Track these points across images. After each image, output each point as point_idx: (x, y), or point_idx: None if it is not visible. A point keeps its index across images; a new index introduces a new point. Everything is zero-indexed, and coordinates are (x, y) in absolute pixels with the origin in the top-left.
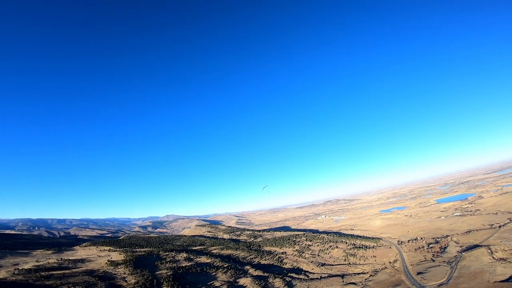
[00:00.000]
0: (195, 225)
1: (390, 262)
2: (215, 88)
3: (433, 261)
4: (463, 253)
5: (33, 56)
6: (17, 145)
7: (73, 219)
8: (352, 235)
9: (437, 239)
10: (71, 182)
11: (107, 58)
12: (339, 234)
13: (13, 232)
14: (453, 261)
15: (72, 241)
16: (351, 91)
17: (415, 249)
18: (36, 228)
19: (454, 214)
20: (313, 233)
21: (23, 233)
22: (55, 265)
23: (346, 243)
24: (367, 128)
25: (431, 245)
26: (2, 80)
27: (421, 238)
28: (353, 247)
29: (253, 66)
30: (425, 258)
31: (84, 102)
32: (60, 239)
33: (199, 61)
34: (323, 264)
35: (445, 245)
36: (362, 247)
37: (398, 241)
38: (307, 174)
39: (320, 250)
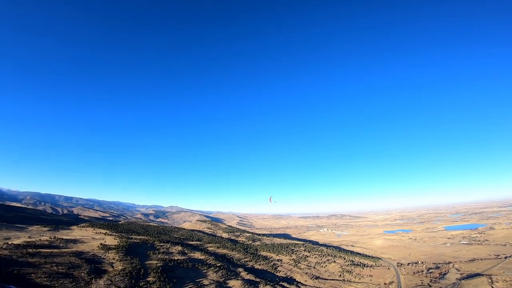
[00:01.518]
0: (196, 220)
1: (385, 283)
2: (247, 89)
3: (430, 286)
4: (462, 281)
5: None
6: (46, 118)
7: (80, 198)
8: (352, 252)
9: (438, 265)
10: (85, 160)
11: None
12: (338, 248)
13: (18, 205)
14: None
15: (73, 220)
16: (376, 109)
17: (414, 273)
18: (42, 203)
19: (460, 242)
20: (313, 244)
21: (28, 207)
22: (46, 243)
23: (345, 258)
24: (383, 148)
25: (430, 270)
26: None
27: (422, 262)
28: (350, 264)
29: (278, 71)
30: (422, 283)
31: (112, 87)
32: (62, 217)
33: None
34: (317, 277)
35: (445, 271)
36: (360, 265)
37: (398, 263)
38: (315, 185)
39: (317, 262)
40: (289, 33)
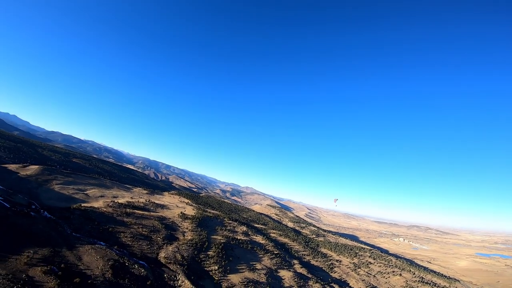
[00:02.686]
0: (267, 204)
1: None
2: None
3: None
4: None
5: None
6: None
7: (176, 167)
8: (425, 268)
9: None
10: (189, 137)
11: None
12: (410, 262)
13: (131, 167)
14: None
15: (167, 187)
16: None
17: None
18: (149, 168)
19: None
20: (381, 252)
21: (138, 170)
22: (141, 205)
23: (414, 273)
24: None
25: None
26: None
27: None
28: (419, 281)
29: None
30: None
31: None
32: (159, 182)
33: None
34: (373, 287)
35: None
36: (429, 283)
37: None
38: (401, 188)
39: (379, 271)
40: None
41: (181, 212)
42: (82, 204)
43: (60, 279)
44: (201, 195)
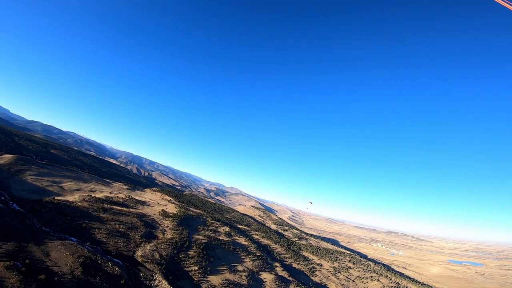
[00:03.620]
0: (251, 205)
1: None
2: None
3: None
4: None
5: None
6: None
7: (160, 164)
8: (401, 274)
9: None
10: (176, 134)
11: None
12: (387, 267)
13: (113, 161)
14: None
15: (149, 183)
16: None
17: None
18: (132, 163)
19: None
20: (361, 257)
21: (120, 165)
22: (121, 200)
23: (391, 279)
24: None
25: None
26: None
27: None
28: (395, 286)
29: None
30: None
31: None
32: (142, 178)
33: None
34: None
35: None
36: None
37: None
38: (381, 195)
39: (358, 276)
40: None
41: (163, 210)
42: (56, 197)
43: (23, 275)
44: (184, 193)
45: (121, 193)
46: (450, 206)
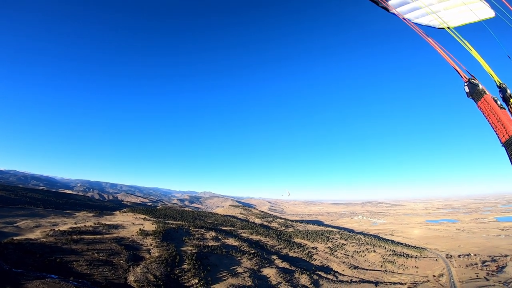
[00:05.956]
0: (229, 205)
1: (434, 276)
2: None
3: (487, 280)
4: None
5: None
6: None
7: (123, 184)
8: (392, 241)
9: (494, 258)
10: (128, 149)
11: None
12: (377, 237)
13: (69, 192)
14: (510, 282)
15: (116, 206)
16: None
17: (466, 265)
18: (91, 190)
19: None
20: (349, 232)
21: (78, 194)
22: (90, 229)
23: (385, 248)
24: (421, 129)
25: (486, 263)
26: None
27: (475, 255)
28: (392, 254)
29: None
30: (477, 276)
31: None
32: (107, 202)
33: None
34: (356, 267)
35: (503, 264)
36: (403, 255)
37: (447, 254)
38: (347, 171)
39: (354, 251)
40: None
41: (140, 229)
42: (14, 237)
43: None
44: (157, 208)
45: (87, 221)
46: (408, 167)
